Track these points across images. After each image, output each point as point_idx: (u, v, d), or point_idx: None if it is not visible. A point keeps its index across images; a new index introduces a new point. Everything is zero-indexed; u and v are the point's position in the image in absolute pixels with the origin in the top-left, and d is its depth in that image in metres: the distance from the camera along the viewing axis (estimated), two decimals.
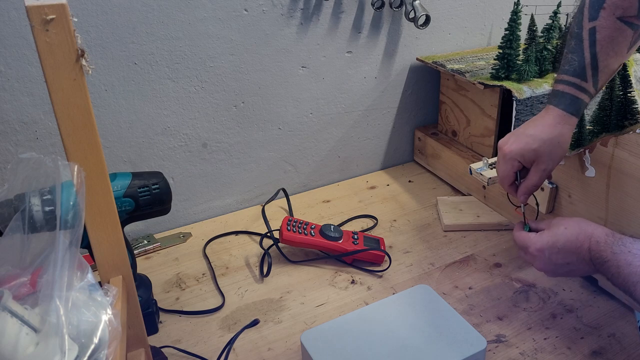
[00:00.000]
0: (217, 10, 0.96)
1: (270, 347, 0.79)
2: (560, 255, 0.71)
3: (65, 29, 0.45)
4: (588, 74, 0.76)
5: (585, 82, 0.76)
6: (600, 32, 0.75)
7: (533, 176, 0.78)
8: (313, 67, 1.11)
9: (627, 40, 0.75)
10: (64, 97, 0.47)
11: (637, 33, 0.75)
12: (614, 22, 0.74)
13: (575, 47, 0.77)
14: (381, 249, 0.97)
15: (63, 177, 0.48)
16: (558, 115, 0.76)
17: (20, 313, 0.45)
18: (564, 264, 0.71)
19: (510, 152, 0.77)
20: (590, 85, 0.77)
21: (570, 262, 0.71)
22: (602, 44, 0.75)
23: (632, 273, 0.63)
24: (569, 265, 0.71)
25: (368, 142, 1.26)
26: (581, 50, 0.76)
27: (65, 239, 0.47)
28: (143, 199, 0.76)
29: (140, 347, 0.63)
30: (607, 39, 0.74)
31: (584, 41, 0.75)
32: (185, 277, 0.95)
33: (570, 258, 0.71)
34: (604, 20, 0.74)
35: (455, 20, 1.22)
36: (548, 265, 0.73)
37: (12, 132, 0.90)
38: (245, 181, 1.15)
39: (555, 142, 0.76)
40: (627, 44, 0.75)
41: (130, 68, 0.94)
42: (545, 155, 0.76)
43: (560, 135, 0.76)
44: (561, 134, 0.76)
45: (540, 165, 0.77)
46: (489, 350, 0.77)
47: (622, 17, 0.73)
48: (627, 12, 0.73)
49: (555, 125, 0.76)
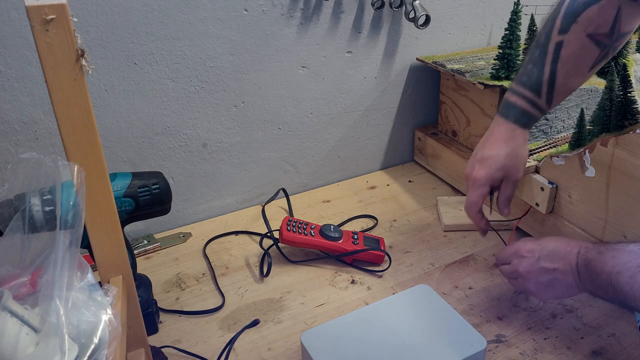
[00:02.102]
0: (217, 10, 0.96)
1: (270, 347, 0.79)
2: (548, 259, 0.71)
3: (65, 29, 0.45)
4: (543, 90, 0.76)
5: (539, 98, 0.77)
6: (566, 48, 0.74)
7: (506, 189, 0.81)
8: (313, 67, 1.11)
9: (591, 59, 0.74)
10: (64, 97, 0.47)
11: (603, 52, 0.74)
12: (582, 38, 0.73)
13: (537, 58, 0.76)
14: (381, 249, 0.97)
15: (63, 177, 0.48)
16: (509, 129, 0.79)
17: (20, 313, 0.45)
18: (551, 269, 0.71)
19: (480, 179, 0.80)
20: (543, 102, 0.77)
21: (557, 268, 0.70)
22: (565, 61, 0.74)
23: (617, 264, 0.63)
24: (554, 273, 0.71)
25: (368, 142, 1.26)
26: (542, 64, 0.75)
27: (65, 239, 0.47)
28: (143, 199, 0.76)
29: (140, 347, 0.63)
30: (572, 56, 0.74)
31: (548, 55, 0.75)
32: (185, 277, 0.95)
33: (557, 263, 0.70)
34: (573, 36, 0.73)
35: (455, 20, 1.22)
36: (534, 267, 0.72)
37: (12, 132, 0.90)
38: (245, 181, 1.15)
39: (514, 154, 0.79)
40: (590, 63, 0.75)
41: (130, 68, 0.94)
42: (511, 169, 0.79)
43: (516, 147, 0.79)
44: (516, 145, 0.79)
45: (509, 179, 0.80)
46: (489, 350, 0.77)
47: (593, 34, 0.72)
48: (599, 29, 0.72)
49: (508, 140, 0.79)
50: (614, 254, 0.64)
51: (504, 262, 0.78)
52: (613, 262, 0.64)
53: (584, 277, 0.68)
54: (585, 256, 0.68)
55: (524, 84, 0.78)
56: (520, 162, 0.80)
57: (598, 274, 0.65)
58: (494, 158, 0.79)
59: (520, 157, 0.79)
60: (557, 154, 0.89)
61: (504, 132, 0.79)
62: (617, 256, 0.64)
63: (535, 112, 0.78)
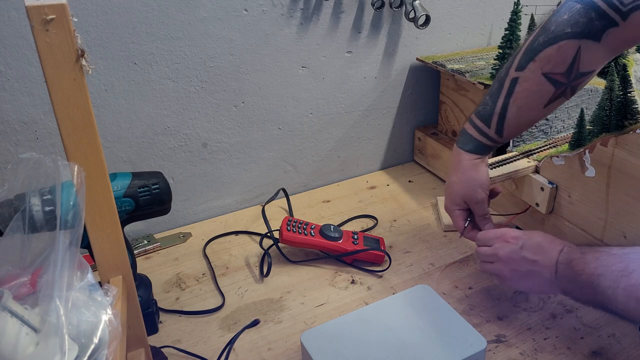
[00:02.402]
0: (217, 10, 0.96)
1: (270, 347, 0.79)
2: (532, 250, 0.72)
3: (65, 29, 0.45)
4: (493, 121, 0.79)
5: (488, 129, 0.80)
6: (520, 84, 0.76)
7: (476, 211, 0.84)
8: (313, 67, 1.11)
9: (545, 97, 0.76)
10: (64, 97, 0.47)
11: (559, 91, 0.75)
12: (538, 77, 0.75)
13: (494, 91, 0.79)
14: (381, 249, 0.97)
15: (63, 177, 0.48)
16: (461, 156, 0.83)
17: (20, 313, 0.45)
18: (531, 260, 0.72)
19: (447, 207, 0.86)
20: (492, 132, 0.80)
21: (537, 260, 0.71)
22: (518, 97, 0.76)
23: (599, 266, 0.63)
24: (534, 265, 0.72)
25: (368, 142, 1.26)
26: (497, 97, 0.78)
27: (65, 239, 0.47)
28: (143, 199, 0.76)
29: (140, 347, 0.63)
30: (526, 92, 0.76)
31: (503, 89, 0.77)
32: (185, 277, 0.95)
33: (539, 256, 0.71)
34: (529, 73, 0.75)
35: (455, 20, 1.22)
36: (516, 255, 0.74)
37: (12, 132, 0.90)
38: (245, 181, 1.15)
39: (467, 180, 0.82)
40: (544, 101, 0.76)
41: (130, 68, 0.94)
42: (468, 193, 0.83)
43: (468, 173, 0.82)
44: (468, 171, 0.82)
45: (472, 201, 0.84)
46: (489, 350, 0.77)
47: (549, 73, 0.74)
48: (556, 68, 0.73)
49: (459, 167, 0.83)
50: (597, 256, 0.65)
51: (484, 244, 0.79)
52: (595, 263, 0.64)
53: (562, 275, 0.68)
54: (567, 255, 0.69)
55: (477, 113, 0.81)
56: (475, 185, 0.82)
57: (579, 273, 0.66)
58: (450, 186, 0.85)
59: (474, 180, 0.82)
60: (557, 154, 0.89)
61: (457, 160, 0.84)
62: (600, 258, 0.64)
63: (484, 140, 0.81)
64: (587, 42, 0.71)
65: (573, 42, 0.72)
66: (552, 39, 0.72)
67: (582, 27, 0.71)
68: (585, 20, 0.71)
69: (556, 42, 0.72)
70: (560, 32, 0.72)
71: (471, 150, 0.82)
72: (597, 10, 0.70)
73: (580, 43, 0.72)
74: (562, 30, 0.72)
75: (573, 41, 0.72)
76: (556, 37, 0.72)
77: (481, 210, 0.84)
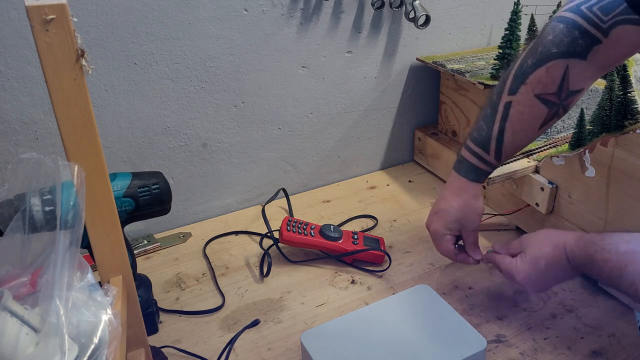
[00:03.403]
0: (217, 10, 0.96)
1: (270, 347, 0.79)
2: (544, 274, 0.72)
3: (65, 29, 0.45)
4: (492, 147, 0.79)
5: (488, 155, 0.80)
6: (514, 107, 0.76)
7: (468, 238, 0.84)
8: (313, 67, 1.11)
9: (540, 118, 0.76)
10: (64, 97, 0.47)
11: (552, 111, 0.75)
12: (530, 99, 0.75)
13: (488, 117, 0.79)
14: (381, 249, 0.97)
15: (63, 177, 0.48)
16: (461, 183, 0.82)
17: (20, 313, 0.45)
18: (552, 277, 0.73)
19: (438, 231, 0.84)
20: (492, 158, 0.80)
21: (556, 273, 0.72)
22: (513, 120, 0.76)
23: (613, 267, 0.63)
24: (556, 276, 0.72)
25: (368, 142, 1.26)
26: (492, 122, 0.78)
27: (65, 239, 0.47)
28: (143, 199, 0.76)
29: (140, 347, 0.63)
30: (520, 114, 0.76)
31: (497, 114, 0.77)
32: (185, 277, 0.95)
33: (554, 270, 0.71)
34: (522, 97, 0.75)
35: (455, 20, 1.22)
36: (537, 285, 0.75)
37: (12, 132, 0.90)
38: (245, 181, 1.15)
39: (466, 207, 0.82)
40: (539, 122, 0.76)
41: (130, 68, 0.94)
42: (464, 220, 0.82)
43: (468, 200, 0.82)
44: (468, 198, 0.82)
45: (467, 229, 0.83)
46: (489, 350, 0.77)
47: (541, 94, 0.74)
48: (547, 89, 0.73)
49: (460, 194, 0.82)
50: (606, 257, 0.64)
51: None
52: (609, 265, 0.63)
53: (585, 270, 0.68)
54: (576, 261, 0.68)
55: (474, 140, 0.81)
56: (473, 213, 0.82)
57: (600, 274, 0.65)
58: (447, 211, 0.83)
59: (473, 209, 0.82)
60: (557, 154, 0.89)
61: (457, 186, 0.83)
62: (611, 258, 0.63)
63: (484, 167, 0.81)
64: (574, 61, 0.72)
65: (560, 62, 0.72)
66: (540, 60, 0.73)
67: (567, 47, 0.71)
68: (570, 39, 0.71)
69: (544, 63, 0.73)
70: (547, 53, 0.72)
71: (474, 179, 0.82)
72: (580, 29, 0.70)
73: (567, 62, 0.72)
74: (548, 50, 0.72)
75: (560, 61, 0.72)
76: (543, 58, 0.73)
77: (473, 238, 0.84)
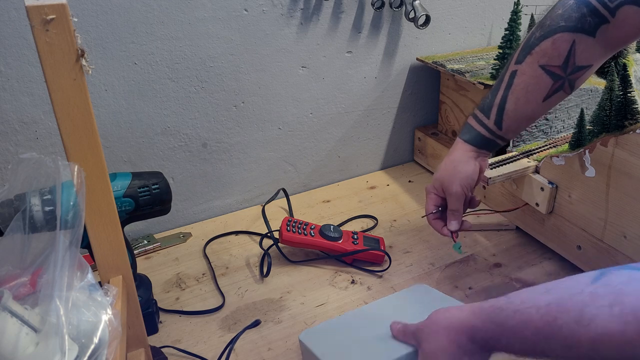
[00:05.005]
0: (217, 10, 0.96)
1: (270, 347, 0.79)
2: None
3: (65, 29, 0.45)
4: (492, 112, 0.79)
5: (487, 119, 0.80)
6: (519, 76, 0.76)
7: (449, 203, 0.82)
8: (313, 67, 1.11)
9: (544, 90, 0.76)
10: (64, 97, 0.47)
11: (557, 84, 0.75)
12: (535, 69, 0.75)
13: (496, 85, 0.80)
14: (381, 249, 0.97)
15: (63, 177, 0.48)
16: (457, 145, 0.83)
17: (20, 313, 0.45)
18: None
19: (428, 188, 0.85)
20: (491, 123, 0.80)
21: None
22: (517, 89, 0.77)
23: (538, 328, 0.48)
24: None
25: (368, 142, 1.26)
26: (497, 90, 0.79)
27: (65, 239, 0.47)
28: (143, 199, 0.76)
29: (140, 347, 0.63)
30: (524, 83, 0.76)
31: (503, 82, 0.78)
32: (185, 277, 0.95)
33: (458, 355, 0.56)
34: (527, 66, 0.76)
35: (455, 20, 1.22)
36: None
37: (12, 132, 0.90)
38: (245, 181, 1.15)
39: (451, 167, 0.81)
40: (543, 94, 0.76)
41: (130, 68, 0.94)
42: (446, 181, 0.81)
43: (456, 160, 0.81)
44: (457, 159, 0.81)
45: (448, 191, 0.81)
46: None
47: (546, 65, 0.74)
48: (552, 61, 0.74)
49: (450, 154, 0.82)
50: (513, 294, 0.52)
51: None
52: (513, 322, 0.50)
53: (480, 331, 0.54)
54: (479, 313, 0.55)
55: (479, 106, 0.82)
56: (456, 177, 0.80)
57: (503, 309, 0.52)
58: (437, 169, 0.83)
59: (457, 171, 0.80)
60: (557, 154, 0.89)
61: (453, 148, 0.83)
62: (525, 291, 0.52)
63: (484, 132, 0.81)
64: (581, 36, 0.72)
65: (567, 35, 0.72)
66: (547, 32, 0.74)
67: (575, 22, 0.72)
68: (578, 15, 0.72)
69: (550, 35, 0.73)
70: (555, 26, 0.73)
71: (468, 140, 0.82)
72: (589, 6, 0.71)
73: (574, 37, 0.72)
74: (556, 24, 0.73)
75: (567, 34, 0.72)
76: (551, 31, 0.73)
77: (453, 205, 0.82)
